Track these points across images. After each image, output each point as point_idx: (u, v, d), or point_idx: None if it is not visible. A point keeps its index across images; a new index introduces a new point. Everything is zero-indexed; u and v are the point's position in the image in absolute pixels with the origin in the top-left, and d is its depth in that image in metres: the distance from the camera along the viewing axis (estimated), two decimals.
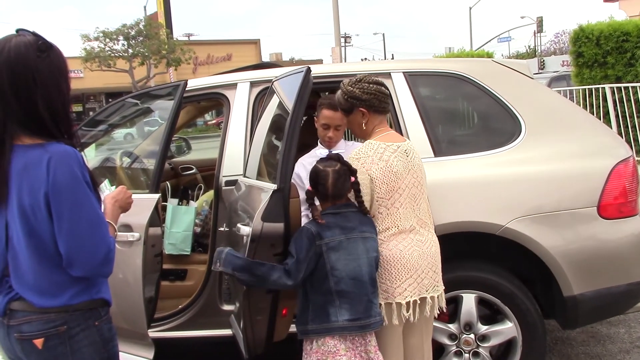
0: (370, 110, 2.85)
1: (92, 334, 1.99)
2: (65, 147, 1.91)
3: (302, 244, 2.64)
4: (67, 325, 1.95)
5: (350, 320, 2.63)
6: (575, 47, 12.38)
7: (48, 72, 1.92)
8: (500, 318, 3.36)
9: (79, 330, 1.97)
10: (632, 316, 4.47)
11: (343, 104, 2.90)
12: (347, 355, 2.64)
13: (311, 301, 2.69)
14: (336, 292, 2.64)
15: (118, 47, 36.68)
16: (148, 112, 4.57)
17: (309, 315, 2.69)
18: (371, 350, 2.69)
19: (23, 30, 1.96)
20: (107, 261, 1.93)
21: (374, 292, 2.71)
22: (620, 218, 3.33)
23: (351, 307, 2.64)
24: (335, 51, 22.12)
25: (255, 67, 4.38)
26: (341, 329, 2.63)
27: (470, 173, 3.37)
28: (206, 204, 4.59)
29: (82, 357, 1.98)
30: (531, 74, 3.78)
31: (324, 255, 2.64)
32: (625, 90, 11.02)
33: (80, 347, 1.97)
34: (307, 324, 2.69)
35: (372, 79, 2.88)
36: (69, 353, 1.96)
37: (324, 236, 2.65)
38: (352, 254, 2.66)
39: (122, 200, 2.25)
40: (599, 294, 3.30)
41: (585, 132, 3.55)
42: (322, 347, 2.66)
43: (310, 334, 2.69)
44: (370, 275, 2.69)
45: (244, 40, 50.37)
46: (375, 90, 2.85)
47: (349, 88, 2.86)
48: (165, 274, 4.04)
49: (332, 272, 2.64)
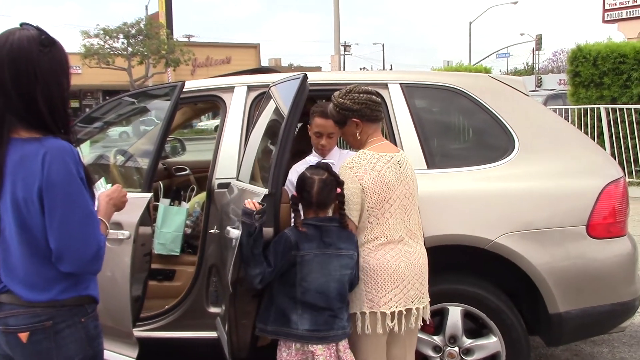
0: (363, 119, 2.86)
1: (77, 331, 1.99)
2: (62, 142, 1.92)
3: (279, 252, 2.66)
4: (53, 320, 1.95)
5: (309, 330, 2.67)
6: (572, 66, 12.47)
7: (49, 67, 1.93)
8: (485, 332, 3.37)
9: (65, 326, 1.97)
10: (615, 336, 4.49)
11: (336, 116, 2.91)
12: (324, 355, 2.68)
13: (275, 303, 2.73)
14: (301, 302, 2.68)
15: (118, 45, 36.65)
16: (144, 112, 4.58)
17: (270, 315, 2.73)
18: (341, 349, 2.73)
19: (27, 24, 1.98)
20: (97, 258, 1.93)
21: (341, 307, 2.73)
22: (608, 238, 3.35)
23: (312, 318, 2.67)
24: (335, 59, 22.17)
25: (253, 71, 4.40)
26: (299, 337, 2.68)
27: (462, 186, 3.39)
28: (198, 206, 4.59)
29: (67, 353, 1.97)
30: (527, 91, 3.80)
31: (297, 266, 2.68)
32: (620, 111, 11.11)
33: (66, 343, 1.97)
34: (267, 324, 2.74)
35: (361, 89, 2.89)
36: (53, 348, 1.96)
37: (301, 248, 2.68)
38: (325, 269, 2.69)
39: (116, 199, 2.26)
40: (584, 312, 3.32)
41: (577, 151, 3.58)
42: (302, 348, 2.70)
43: (268, 334, 2.75)
44: (338, 291, 2.71)
45: (243, 44, 50.49)
46: (366, 100, 2.86)
47: (339, 100, 2.87)
48: (154, 274, 4.04)
49: (300, 283, 2.68)
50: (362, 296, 2.79)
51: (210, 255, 3.67)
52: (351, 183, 2.76)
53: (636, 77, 11.48)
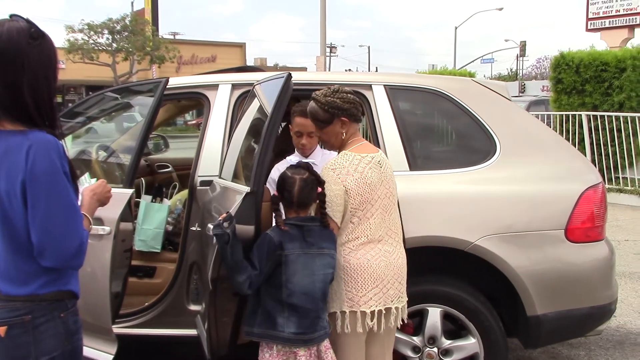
0: (351, 119, 2.88)
1: (56, 325, 1.98)
2: (47, 135, 1.91)
3: (263, 254, 2.66)
4: (32, 315, 1.93)
5: (295, 333, 2.67)
6: (555, 73, 12.59)
7: (37, 60, 1.92)
8: (464, 333, 3.40)
9: (44, 321, 1.95)
10: (592, 339, 4.55)
11: (321, 115, 2.89)
12: (305, 355, 2.68)
13: (262, 306, 2.73)
14: (287, 304, 2.68)
15: (102, 41, 36.37)
16: (127, 107, 4.55)
17: (257, 318, 2.73)
18: (322, 349, 2.74)
19: (17, 16, 1.96)
20: (79, 253, 1.92)
21: (323, 307, 2.75)
22: (586, 242, 3.40)
23: (298, 320, 2.68)
24: (320, 60, 22.17)
25: (238, 70, 4.40)
26: (286, 339, 2.68)
27: (443, 189, 3.42)
28: (180, 203, 4.57)
29: (45, 347, 1.95)
30: (509, 96, 3.84)
31: (282, 266, 2.67)
32: (601, 118, 11.24)
33: (44, 338, 1.95)
34: (254, 327, 2.73)
35: (345, 89, 2.92)
36: (32, 343, 1.94)
37: (285, 247, 2.68)
38: (308, 269, 2.69)
39: (100, 194, 2.25)
40: (561, 315, 3.36)
41: (557, 156, 3.61)
42: (283, 349, 2.70)
43: (255, 337, 2.74)
44: (322, 291, 2.72)
45: (229, 42, 50.32)
46: (354, 100, 2.90)
47: (328, 99, 2.87)
48: (134, 271, 4.02)
49: (286, 284, 2.67)
50: (342, 295, 2.80)
51: (191, 253, 3.66)
52: (334, 185, 2.77)
53: (617, 85, 11.62)
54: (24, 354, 1.94)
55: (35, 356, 1.94)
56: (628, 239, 8.00)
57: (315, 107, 2.91)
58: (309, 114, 2.97)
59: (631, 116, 10.99)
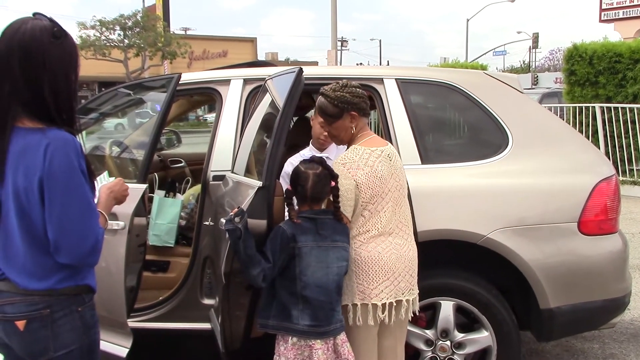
0: (360, 113, 2.88)
1: (74, 319, 2.00)
2: (65, 134, 1.93)
3: (277, 247, 2.68)
4: (51, 309, 1.96)
5: (310, 325, 2.68)
6: (568, 65, 12.50)
7: (59, 59, 1.94)
8: (476, 327, 3.40)
9: (62, 315, 1.97)
10: (606, 332, 4.53)
11: (331, 110, 2.89)
12: (322, 349, 2.69)
13: (277, 298, 2.74)
14: (301, 297, 2.69)
15: (114, 37, 36.57)
16: (140, 103, 4.58)
17: (272, 310, 2.74)
18: (338, 343, 2.74)
19: (40, 14, 1.99)
20: (94, 251, 1.95)
21: (337, 300, 2.76)
22: (600, 235, 3.38)
23: (313, 313, 2.68)
24: (331, 54, 22.16)
25: (250, 64, 4.41)
26: (300, 332, 2.69)
27: (455, 182, 3.41)
28: (193, 198, 4.60)
29: (63, 341, 1.98)
30: (521, 88, 3.82)
31: (296, 258, 2.68)
32: (615, 110, 11.15)
33: (62, 332, 1.98)
34: (269, 319, 2.74)
35: (353, 84, 2.92)
36: (50, 337, 1.97)
37: (298, 240, 2.69)
38: (322, 262, 2.69)
39: (117, 192, 2.27)
40: (575, 308, 3.35)
41: (570, 149, 3.60)
42: (298, 342, 2.70)
43: (270, 329, 2.75)
44: (336, 284, 2.73)
45: (240, 37, 50.44)
46: (362, 94, 2.90)
47: (338, 94, 2.88)
48: (148, 265, 4.06)
49: (300, 277, 2.68)
50: (353, 288, 2.81)
51: (204, 247, 3.68)
52: (345, 179, 2.78)
53: (631, 77, 11.52)
54: (42, 347, 1.97)
55: (54, 350, 1.97)
56: None
57: (325, 102, 2.92)
58: (318, 110, 2.98)
59: None
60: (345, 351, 2.74)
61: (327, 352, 2.70)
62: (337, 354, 2.74)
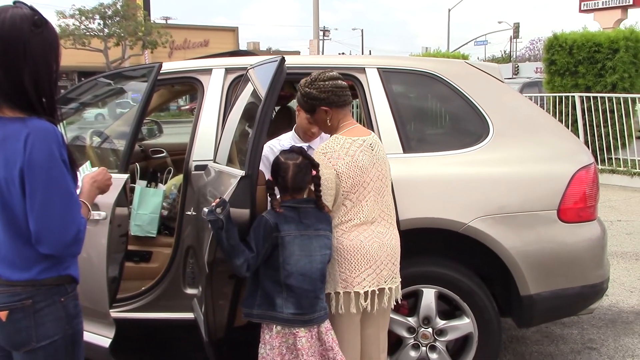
0: (332, 106, 2.89)
1: (57, 310, 2.00)
2: (45, 123, 1.91)
3: (260, 236, 2.68)
4: (33, 299, 1.95)
5: (294, 314, 2.70)
6: (548, 54, 12.61)
7: (39, 48, 1.92)
8: (458, 314, 3.44)
9: (45, 306, 1.97)
10: (584, 318, 4.61)
11: (304, 105, 2.94)
12: (306, 337, 2.70)
13: (260, 287, 2.75)
14: (285, 285, 2.70)
15: (94, 26, 36.14)
16: (120, 93, 4.54)
17: (256, 299, 2.75)
18: (323, 331, 2.76)
19: (20, 2, 1.96)
20: (77, 241, 1.94)
21: (321, 288, 2.77)
22: (578, 222, 3.43)
23: (297, 301, 2.70)
24: (313, 44, 22.09)
25: (231, 54, 4.39)
26: (285, 320, 2.70)
27: (437, 171, 3.44)
28: (175, 188, 4.58)
29: (46, 332, 1.98)
30: (502, 77, 3.85)
31: (279, 247, 2.70)
32: (594, 99, 11.27)
33: (45, 322, 1.98)
34: (253, 308, 2.75)
35: (326, 76, 2.89)
36: (32, 327, 1.96)
37: (281, 229, 2.69)
38: (305, 250, 2.71)
39: (100, 182, 2.26)
40: (554, 294, 3.40)
41: (550, 137, 3.64)
42: (283, 330, 2.72)
43: (255, 318, 2.76)
44: (320, 272, 2.75)
45: (222, 27, 50.10)
46: (332, 87, 2.87)
47: (305, 90, 2.89)
48: (130, 255, 4.04)
49: (283, 266, 2.70)
50: (336, 276, 2.83)
51: (187, 237, 3.68)
52: (325, 169, 2.79)
53: (610, 67, 11.65)
54: (24, 338, 1.96)
55: (37, 340, 1.97)
56: (620, 220, 8.07)
57: (299, 97, 2.95)
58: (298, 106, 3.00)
59: (624, 97, 11.03)
60: (329, 339, 2.76)
61: (310, 339, 2.72)
62: (322, 342, 2.76)
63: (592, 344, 4.28)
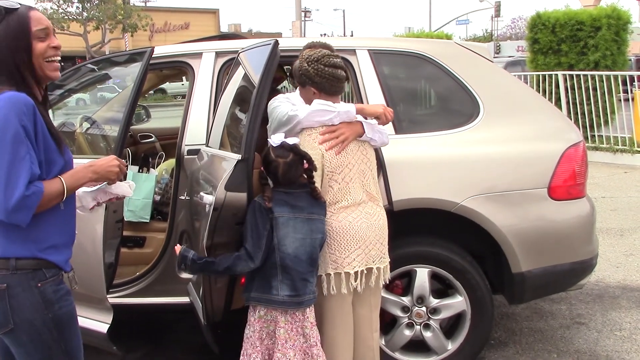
0: (321, 91, 2.90)
1: (33, 295, 2.04)
2: (17, 94, 1.98)
3: (256, 219, 2.70)
4: (8, 284, 2.01)
5: (289, 295, 2.73)
6: (531, 33, 12.64)
7: (3, 35, 2.04)
8: (451, 292, 3.49)
9: (20, 291, 2.02)
10: (573, 294, 4.69)
11: (297, 76, 2.95)
12: (285, 328, 2.75)
13: (257, 271, 2.76)
14: (280, 267, 2.73)
15: (72, 10, 35.57)
16: (109, 79, 4.51)
17: (254, 284, 2.79)
18: (307, 326, 2.79)
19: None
20: (20, 208, 1.93)
21: (311, 271, 2.80)
22: (568, 200, 3.49)
23: (291, 283, 2.73)
24: (296, 25, 21.99)
25: (221, 37, 4.37)
26: (280, 302, 2.74)
27: (429, 151, 3.47)
28: (166, 173, 4.57)
29: (23, 315, 2.03)
30: (491, 58, 3.88)
31: (273, 229, 2.72)
32: (577, 77, 11.35)
33: (20, 306, 2.02)
34: (251, 292, 2.79)
35: (329, 61, 2.88)
36: (8, 310, 2.02)
37: (274, 210, 2.72)
38: (298, 233, 2.73)
39: (99, 166, 2.22)
40: (545, 271, 3.46)
41: (539, 116, 3.68)
42: (265, 316, 2.78)
43: (252, 301, 2.80)
44: (310, 256, 2.77)
45: (202, 9, 49.44)
46: (330, 75, 2.88)
47: (304, 65, 2.90)
48: (124, 241, 4.03)
49: (278, 247, 2.72)
50: (326, 258, 2.87)
51: (180, 222, 3.68)
52: (311, 150, 2.82)
53: (592, 44, 11.72)
54: (2, 320, 2.03)
55: (14, 323, 2.03)
56: (605, 196, 8.18)
57: (295, 67, 2.95)
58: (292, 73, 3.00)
59: (606, 75, 11.12)
60: (314, 334, 2.79)
61: (290, 332, 2.75)
62: (306, 338, 2.78)
63: (581, 319, 4.37)
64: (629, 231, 6.55)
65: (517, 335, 4.14)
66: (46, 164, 2.04)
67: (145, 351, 4.00)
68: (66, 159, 2.13)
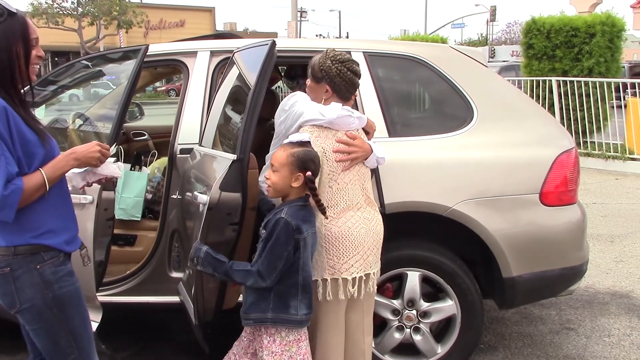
0: (335, 92, 2.89)
1: (32, 277, 2.19)
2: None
3: (279, 240, 2.57)
4: (11, 267, 2.17)
5: (306, 314, 2.68)
6: (526, 38, 12.69)
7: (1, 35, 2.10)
8: (441, 296, 3.49)
9: (21, 273, 2.18)
10: (563, 299, 4.71)
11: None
12: (306, 342, 2.71)
13: (274, 291, 2.64)
14: (302, 287, 2.65)
15: (67, 5, 35.46)
16: (103, 75, 4.49)
17: (270, 303, 2.64)
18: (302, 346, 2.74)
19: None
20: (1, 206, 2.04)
21: None
22: (560, 206, 3.50)
23: (309, 301, 2.68)
24: (292, 25, 21.98)
25: (216, 36, 4.36)
26: (298, 322, 2.65)
27: (422, 155, 3.47)
28: (158, 171, 4.56)
29: (26, 296, 2.20)
30: (486, 62, 3.89)
31: (300, 250, 2.62)
32: (571, 83, 11.40)
33: (23, 287, 2.19)
34: (267, 312, 2.64)
35: (352, 67, 2.88)
36: (14, 291, 2.20)
37: (302, 230, 2.61)
38: (313, 248, 2.71)
39: (80, 153, 2.27)
40: (535, 276, 3.47)
41: (533, 122, 3.69)
42: (287, 337, 2.66)
43: (268, 323, 2.65)
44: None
45: (198, 7, 49.37)
46: (349, 79, 2.88)
47: (328, 62, 2.86)
48: (115, 239, 4.01)
49: (303, 268, 2.64)
50: (323, 264, 2.82)
51: (172, 221, 3.67)
52: (314, 147, 2.81)
53: (587, 51, 11.77)
54: (10, 300, 2.22)
55: (20, 303, 2.21)
56: (595, 202, 8.22)
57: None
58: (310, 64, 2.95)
59: (599, 81, 11.17)
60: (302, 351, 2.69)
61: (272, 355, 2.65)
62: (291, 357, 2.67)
63: (570, 324, 4.39)
64: (619, 238, 6.58)
65: (506, 339, 4.15)
66: (27, 158, 2.14)
67: (135, 350, 3.99)
68: (47, 148, 2.21)
